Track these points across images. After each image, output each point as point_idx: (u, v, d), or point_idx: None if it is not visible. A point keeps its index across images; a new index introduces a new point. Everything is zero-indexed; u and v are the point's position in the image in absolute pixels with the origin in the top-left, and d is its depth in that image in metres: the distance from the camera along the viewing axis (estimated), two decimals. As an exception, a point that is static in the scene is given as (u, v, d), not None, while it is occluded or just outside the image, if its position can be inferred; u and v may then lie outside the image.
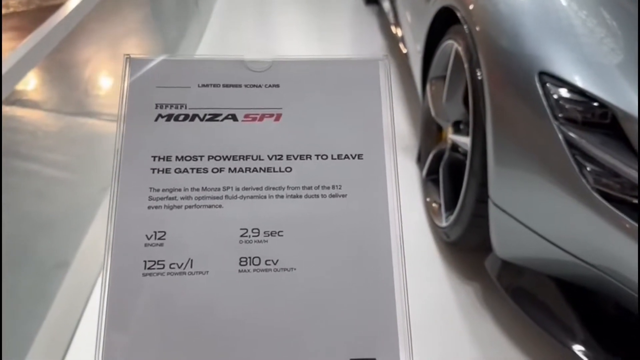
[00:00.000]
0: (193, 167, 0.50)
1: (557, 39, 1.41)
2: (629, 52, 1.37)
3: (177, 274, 0.47)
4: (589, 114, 1.29)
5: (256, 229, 0.49)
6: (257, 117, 0.52)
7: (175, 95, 0.52)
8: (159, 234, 0.48)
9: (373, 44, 3.40)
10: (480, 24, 1.56)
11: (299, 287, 0.47)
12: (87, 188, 2.09)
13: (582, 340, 1.39)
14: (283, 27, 3.66)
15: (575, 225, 1.30)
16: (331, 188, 0.50)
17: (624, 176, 1.21)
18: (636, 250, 1.19)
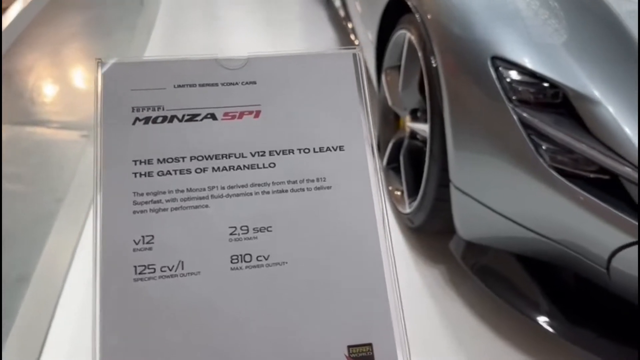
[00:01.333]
0: (176, 168, 0.50)
1: (505, 23, 1.46)
2: (573, 32, 1.43)
3: (168, 277, 0.47)
4: (540, 94, 1.34)
5: (245, 226, 0.49)
6: (237, 115, 0.52)
7: (151, 97, 0.51)
8: (147, 238, 0.47)
9: (324, 36, 3.41)
10: (431, 12, 1.59)
11: (292, 280, 0.48)
12: (42, 199, 2.03)
13: (546, 312, 1.45)
14: (232, 22, 3.62)
15: (534, 202, 1.35)
16: (316, 181, 0.51)
17: (578, 152, 1.27)
18: (593, 221, 1.25)
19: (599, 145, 1.25)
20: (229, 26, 3.61)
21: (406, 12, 1.79)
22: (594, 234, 1.28)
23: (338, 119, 0.53)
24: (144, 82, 0.52)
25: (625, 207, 1.23)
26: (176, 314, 0.46)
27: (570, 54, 1.35)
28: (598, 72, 1.32)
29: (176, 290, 0.47)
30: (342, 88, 0.54)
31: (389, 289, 0.48)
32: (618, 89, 1.29)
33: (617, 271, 1.28)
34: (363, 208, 0.50)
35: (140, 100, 0.51)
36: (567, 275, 1.49)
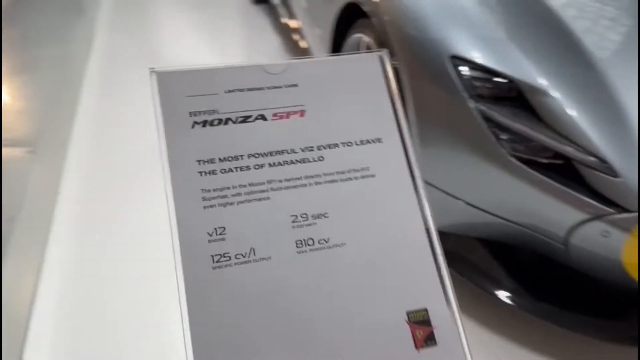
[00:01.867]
0: (236, 166, 0.55)
1: (458, 23, 1.57)
2: (516, 26, 1.56)
3: (243, 263, 0.51)
4: (497, 89, 1.45)
5: (304, 214, 0.54)
6: (284, 115, 0.57)
7: (205, 102, 0.56)
8: (219, 230, 0.52)
9: (267, 41, 3.46)
10: (388, 14, 1.68)
11: (352, 259, 0.54)
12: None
13: (509, 289, 1.56)
14: (173, 31, 3.60)
15: (498, 189, 1.46)
16: (360, 170, 0.57)
17: (534, 140, 1.38)
18: (552, 202, 1.37)
19: (552, 133, 1.38)
20: (170, 35, 3.58)
21: (361, 16, 1.87)
22: (553, 214, 1.40)
23: (372, 114, 0.59)
24: (198, 89, 0.56)
25: (580, 187, 1.35)
26: (253, 295, 0.51)
27: (518, 48, 1.47)
28: (545, 64, 1.45)
29: (251, 275, 0.51)
30: (373, 86, 0.60)
31: (435, 260, 0.55)
32: (564, 80, 1.43)
33: (574, 247, 1.41)
34: (404, 191, 0.57)
35: (195, 106, 0.56)
36: (527, 254, 1.61)
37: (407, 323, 0.52)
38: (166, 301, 1.48)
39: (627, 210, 1.29)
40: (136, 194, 2.10)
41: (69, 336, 1.59)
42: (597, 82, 1.40)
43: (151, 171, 2.17)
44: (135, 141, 2.40)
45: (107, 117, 2.66)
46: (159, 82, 0.56)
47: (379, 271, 0.54)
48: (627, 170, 1.29)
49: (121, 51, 3.29)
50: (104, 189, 2.14)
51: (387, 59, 0.61)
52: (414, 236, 0.56)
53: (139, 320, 1.63)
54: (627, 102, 1.35)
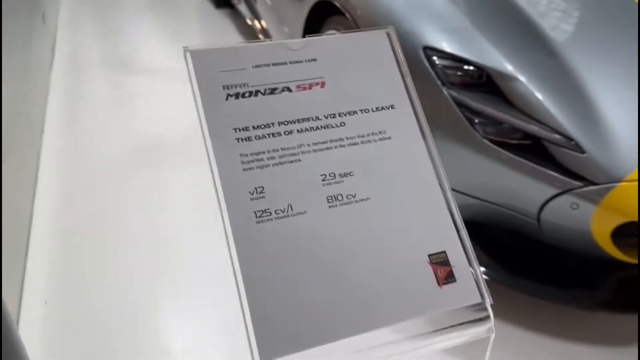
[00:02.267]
0: (268, 132, 0.60)
1: (428, 15, 1.66)
2: (485, 17, 1.66)
3: (282, 217, 0.57)
4: (468, 77, 1.55)
5: (332, 173, 0.61)
6: (307, 86, 0.63)
7: (236, 76, 0.61)
8: (258, 189, 0.57)
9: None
10: (360, 9, 1.76)
11: (378, 211, 0.60)
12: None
13: (485, 265, 1.64)
14: (136, 36, 3.59)
15: (474, 171, 1.55)
16: (378, 133, 0.64)
17: (505, 122, 1.48)
18: (524, 180, 1.47)
19: (521, 115, 1.48)
20: (132, 39, 3.57)
21: (333, 13, 1.94)
22: (526, 191, 1.50)
23: (384, 84, 0.66)
24: (228, 65, 0.61)
25: (549, 164, 1.46)
26: (294, 244, 0.56)
27: (484, 36, 1.57)
28: (510, 50, 1.55)
29: (290, 227, 0.57)
30: (383, 59, 0.67)
31: (450, 209, 0.62)
32: (529, 64, 1.53)
33: (546, 222, 1.51)
34: (417, 150, 0.64)
35: (228, 80, 0.61)
36: (500, 231, 1.70)
37: (429, 264, 0.59)
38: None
39: (593, 183, 1.39)
40: (108, 201, 2.11)
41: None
42: (559, 65, 1.51)
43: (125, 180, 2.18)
44: (106, 151, 2.40)
45: (75, 126, 2.64)
46: (193, 60, 0.61)
47: (401, 221, 0.61)
48: (592, 145, 1.40)
49: (85, 59, 3.27)
50: (76, 201, 2.13)
51: (393, 34, 0.68)
52: (429, 189, 0.63)
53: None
54: (588, 82, 1.46)
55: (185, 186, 2.17)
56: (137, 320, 1.61)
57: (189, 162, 2.29)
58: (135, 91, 2.95)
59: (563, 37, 1.60)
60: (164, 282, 1.75)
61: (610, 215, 1.41)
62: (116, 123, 2.64)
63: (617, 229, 1.42)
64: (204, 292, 1.70)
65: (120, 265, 1.81)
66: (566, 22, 1.66)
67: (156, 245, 1.88)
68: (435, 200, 0.63)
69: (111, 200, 2.10)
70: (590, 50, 1.56)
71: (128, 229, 1.96)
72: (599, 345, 1.60)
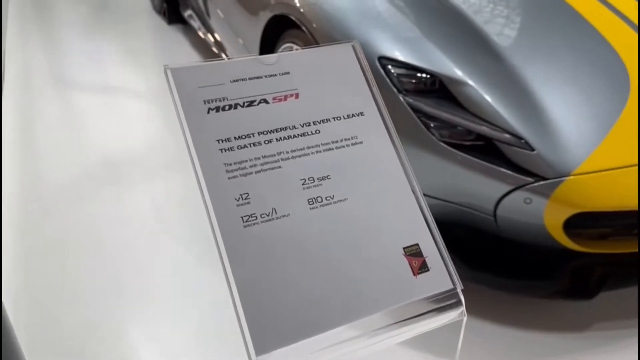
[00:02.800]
0: (250, 142, 0.64)
1: (380, 26, 1.73)
2: (433, 25, 1.74)
3: (268, 220, 0.61)
4: (422, 83, 1.62)
5: (311, 177, 0.65)
6: (282, 98, 0.68)
7: (215, 91, 0.65)
8: (244, 196, 0.61)
9: (188, 58, 3.50)
10: (315, 22, 1.82)
11: (355, 210, 0.65)
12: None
13: (449, 263, 1.71)
14: (87, 56, 3.55)
15: (433, 173, 1.62)
16: (351, 139, 0.69)
17: (459, 125, 1.56)
18: (480, 179, 1.55)
19: (473, 117, 1.56)
20: (84, 57, 3.53)
21: (289, 27, 2.00)
22: (481, 189, 1.58)
23: (353, 93, 0.71)
24: (207, 80, 0.65)
25: (502, 162, 1.54)
26: (279, 246, 0.61)
27: (434, 44, 1.66)
28: (458, 56, 1.64)
29: (276, 229, 0.61)
30: (351, 70, 0.72)
31: (419, 204, 0.67)
32: (477, 69, 1.62)
33: (502, 217, 1.60)
34: (387, 152, 0.69)
35: (208, 95, 0.65)
36: (460, 229, 1.77)
37: (405, 256, 0.64)
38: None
39: (544, 178, 1.48)
40: (68, 222, 2.09)
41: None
42: (505, 68, 1.61)
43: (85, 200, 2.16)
44: (64, 171, 2.38)
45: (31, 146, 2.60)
46: (174, 77, 0.64)
47: (376, 218, 0.66)
48: (541, 143, 1.49)
49: (36, 79, 3.22)
50: (35, 223, 2.10)
51: (358, 47, 0.73)
52: (400, 187, 0.68)
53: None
54: (533, 82, 1.56)
55: (147, 201, 2.17)
56: (103, 337, 1.61)
57: (148, 177, 2.30)
58: (89, 109, 2.92)
59: (507, 42, 1.71)
60: (127, 298, 1.75)
61: (561, 208, 1.50)
62: (72, 142, 2.62)
63: (568, 220, 1.51)
64: (171, 308, 1.71)
65: (83, 285, 1.79)
66: (509, 28, 1.76)
67: (118, 263, 1.88)
68: (406, 197, 0.68)
69: (71, 220, 2.08)
70: (533, 53, 1.66)
71: (89, 248, 1.95)
72: (556, 332, 1.70)
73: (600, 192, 1.49)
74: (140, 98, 3.05)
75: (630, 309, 1.75)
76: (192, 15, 3.40)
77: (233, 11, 2.56)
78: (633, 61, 1.68)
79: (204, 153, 0.62)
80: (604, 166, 1.50)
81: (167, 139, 2.59)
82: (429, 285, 0.63)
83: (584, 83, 1.65)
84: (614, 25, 1.81)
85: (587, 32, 1.78)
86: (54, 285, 1.79)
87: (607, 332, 1.68)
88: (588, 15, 1.83)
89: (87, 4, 4.44)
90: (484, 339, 1.65)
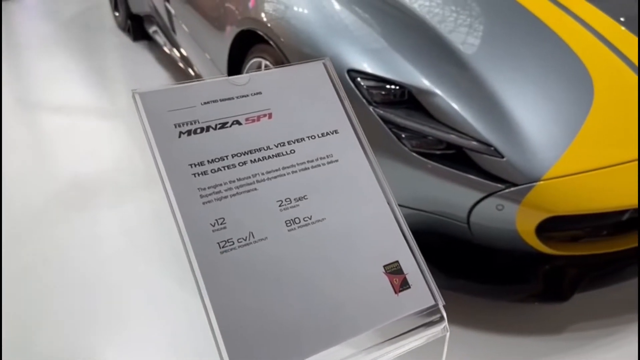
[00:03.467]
0: (223, 165, 0.63)
1: (348, 39, 1.74)
2: (399, 37, 1.76)
3: (245, 245, 0.60)
4: (391, 95, 1.63)
5: (288, 198, 0.64)
6: (255, 118, 0.66)
7: (186, 114, 0.63)
8: (219, 220, 0.60)
9: (154, 74, 3.46)
10: (283, 36, 1.82)
11: (333, 229, 0.64)
12: None
13: (426, 272, 1.72)
14: (51, 75, 3.47)
15: (406, 183, 1.63)
16: (326, 157, 0.68)
17: (429, 135, 1.57)
18: (453, 187, 1.56)
19: (442, 127, 1.58)
20: (47, 79, 3.45)
21: (257, 42, 1.99)
22: (454, 197, 1.59)
23: (326, 111, 0.71)
24: (177, 103, 0.64)
25: (473, 170, 1.56)
26: (258, 271, 0.59)
27: (401, 55, 1.67)
28: (425, 67, 1.65)
29: (253, 253, 0.60)
30: (323, 88, 0.72)
31: (398, 222, 0.67)
32: (444, 79, 1.64)
33: (475, 224, 1.61)
34: (363, 169, 0.69)
35: (178, 118, 0.63)
36: (436, 238, 1.78)
37: (385, 274, 0.64)
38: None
39: (514, 185, 1.50)
40: (38, 248, 2.04)
41: None
42: (471, 76, 1.63)
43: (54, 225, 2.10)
44: (32, 197, 2.31)
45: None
46: (143, 102, 0.63)
47: (355, 236, 0.65)
48: (510, 150, 1.51)
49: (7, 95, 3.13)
50: (3, 250, 2.03)
51: (329, 64, 0.73)
52: (377, 204, 0.67)
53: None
54: (499, 90, 1.59)
55: (116, 224, 2.13)
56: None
57: (118, 197, 2.25)
58: (55, 131, 2.86)
59: (472, 50, 1.73)
60: (100, 323, 1.71)
61: (533, 213, 1.52)
62: (39, 165, 2.55)
63: (540, 224, 1.53)
64: (145, 332, 1.68)
65: (55, 310, 1.74)
66: (473, 36, 1.79)
67: (90, 287, 1.83)
68: (383, 214, 0.67)
69: (41, 245, 2.02)
70: (498, 60, 1.69)
71: (61, 273, 1.90)
72: (534, 335, 1.71)
73: (570, 196, 1.51)
74: (107, 117, 3.00)
75: (603, 308, 1.78)
76: (157, 32, 3.37)
77: (199, 27, 2.54)
78: (594, 64, 1.72)
79: (176, 179, 0.61)
80: (573, 170, 1.52)
81: (136, 157, 2.54)
82: (411, 303, 0.63)
83: (549, 88, 1.68)
84: (574, 30, 1.86)
85: (548, 38, 1.82)
86: (24, 311, 1.74)
87: (583, 332, 1.71)
88: (548, 21, 1.87)
89: (49, 22, 4.36)
90: (464, 345, 1.65)
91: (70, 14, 4.50)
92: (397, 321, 0.61)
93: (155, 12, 3.28)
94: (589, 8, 1.94)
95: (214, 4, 2.35)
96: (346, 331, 0.59)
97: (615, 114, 1.65)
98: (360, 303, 0.61)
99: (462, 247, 1.71)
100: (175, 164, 0.61)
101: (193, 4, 2.60)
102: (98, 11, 4.48)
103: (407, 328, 0.62)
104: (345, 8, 1.80)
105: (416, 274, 0.65)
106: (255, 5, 2.03)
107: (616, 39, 1.82)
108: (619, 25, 1.88)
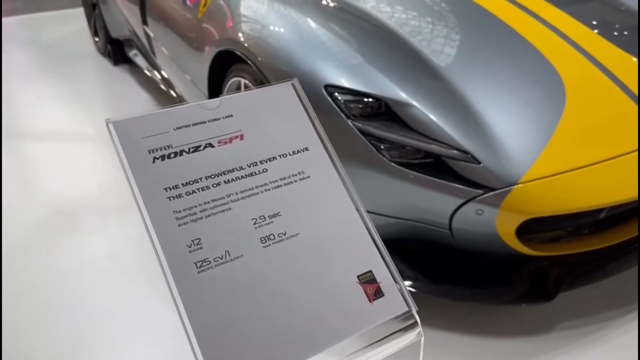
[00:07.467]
0: (198, 187, 0.65)
1: (324, 55, 1.77)
2: (374, 50, 1.79)
3: (222, 264, 0.62)
4: (368, 108, 1.67)
5: (262, 215, 0.66)
6: (227, 140, 0.69)
7: (160, 140, 0.66)
8: (195, 241, 0.62)
9: (136, 97, 3.47)
10: (260, 55, 1.85)
11: (307, 244, 0.66)
12: None
13: (411, 278, 1.74)
14: (31, 101, 3.47)
15: (388, 193, 1.65)
16: (298, 174, 0.70)
17: (407, 145, 1.60)
18: (433, 195, 1.59)
19: (420, 136, 1.61)
20: (28, 105, 3.46)
21: (236, 61, 2.02)
22: (435, 204, 1.62)
23: (296, 129, 0.73)
24: (151, 130, 0.66)
25: (451, 177, 1.59)
26: (236, 288, 0.61)
27: (377, 69, 1.71)
28: (401, 79, 1.69)
29: (230, 271, 0.62)
30: (292, 108, 0.74)
31: (370, 233, 0.69)
32: (420, 90, 1.67)
33: (457, 230, 1.64)
34: (334, 184, 0.71)
35: (152, 144, 0.65)
36: (419, 245, 1.81)
37: (359, 284, 0.66)
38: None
39: (492, 189, 1.54)
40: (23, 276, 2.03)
41: None
42: (445, 86, 1.67)
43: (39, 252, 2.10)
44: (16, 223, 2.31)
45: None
46: (117, 130, 0.65)
47: (329, 249, 0.67)
48: (486, 155, 1.55)
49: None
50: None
51: (297, 84, 0.76)
52: (349, 217, 0.70)
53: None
54: (473, 98, 1.63)
55: (103, 247, 2.13)
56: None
57: (102, 222, 2.26)
58: (37, 158, 2.86)
59: (445, 61, 1.77)
60: (87, 350, 1.71)
61: (512, 216, 1.55)
62: (22, 193, 2.55)
63: (520, 227, 1.56)
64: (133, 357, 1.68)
65: (41, 339, 1.74)
66: (446, 47, 1.83)
67: (77, 314, 1.83)
68: (355, 225, 0.70)
69: (27, 274, 2.02)
70: (470, 69, 1.73)
71: (47, 301, 1.90)
72: (522, 337, 1.74)
73: (547, 198, 1.55)
74: (89, 142, 3.00)
75: (587, 307, 1.81)
76: (138, 55, 3.39)
77: (179, 48, 2.57)
78: (564, 67, 1.77)
79: (151, 203, 0.63)
80: (549, 172, 1.56)
81: (119, 180, 2.54)
82: (385, 310, 0.65)
83: (522, 94, 1.72)
84: (543, 34, 1.91)
85: (518, 44, 1.87)
86: (12, 341, 1.73)
87: (570, 331, 1.73)
88: (518, 27, 1.92)
89: (28, 49, 4.37)
90: (452, 350, 1.68)
91: (50, 40, 4.51)
92: (373, 328, 0.63)
93: (135, 35, 3.31)
94: (557, 13, 2.00)
95: (191, 26, 2.38)
96: (324, 340, 0.61)
97: (587, 114, 1.70)
98: (337, 313, 0.63)
99: (446, 253, 1.74)
100: (151, 188, 0.63)
101: (171, 27, 2.63)
102: (78, 37, 4.50)
103: (383, 334, 0.64)
104: (321, 26, 1.84)
105: (389, 282, 0.67)
106: (232, 26, 2.06)
107: (583, 41, 1.87)
108: (585, 28, 1.94)
